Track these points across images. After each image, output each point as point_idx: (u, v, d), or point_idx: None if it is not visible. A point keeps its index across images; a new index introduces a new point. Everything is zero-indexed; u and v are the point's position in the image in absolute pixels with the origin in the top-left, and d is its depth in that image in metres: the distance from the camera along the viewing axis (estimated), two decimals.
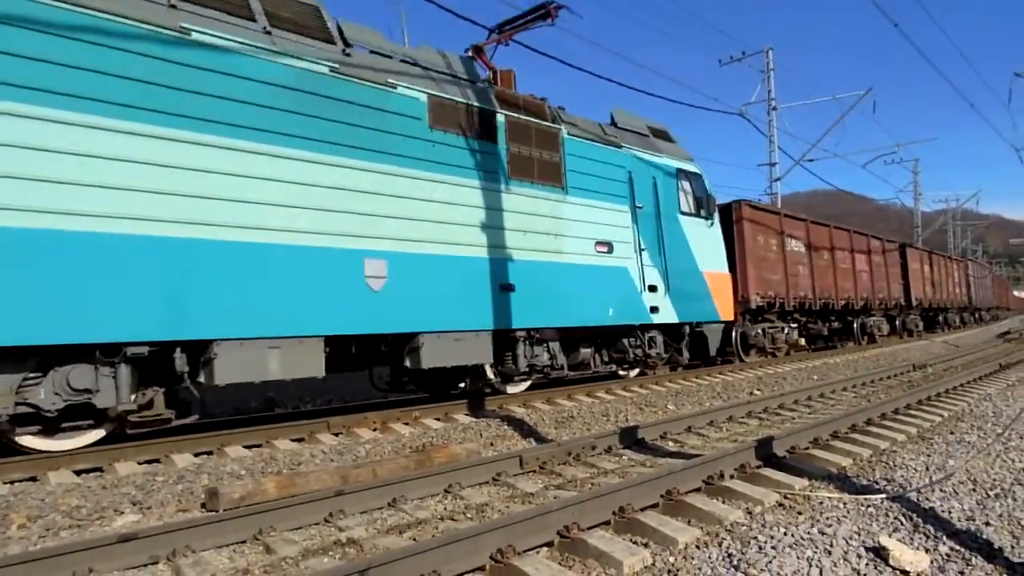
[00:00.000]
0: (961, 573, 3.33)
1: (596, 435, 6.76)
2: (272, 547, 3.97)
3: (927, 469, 5.28)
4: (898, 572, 3.35)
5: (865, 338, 21.42)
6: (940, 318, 30.65)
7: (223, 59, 6.52)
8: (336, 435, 7.47)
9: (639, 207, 10.98)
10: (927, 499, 4.46)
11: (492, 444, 7.08)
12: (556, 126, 9.81)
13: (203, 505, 4.90)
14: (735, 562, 3.47)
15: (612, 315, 10.26)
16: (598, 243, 10.15)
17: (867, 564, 3.43)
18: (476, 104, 8.75)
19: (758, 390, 11.06)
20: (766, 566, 3.38)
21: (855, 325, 20.78)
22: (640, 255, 10.86)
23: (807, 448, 6.05)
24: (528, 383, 10.14)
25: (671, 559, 3.61)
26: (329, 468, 5.59)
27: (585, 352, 10.48)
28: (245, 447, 6.82)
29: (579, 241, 9.86)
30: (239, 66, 6.62)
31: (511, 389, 9.97)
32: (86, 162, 5.66)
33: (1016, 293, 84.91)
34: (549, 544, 3.81)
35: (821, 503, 4.48)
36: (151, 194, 5.99)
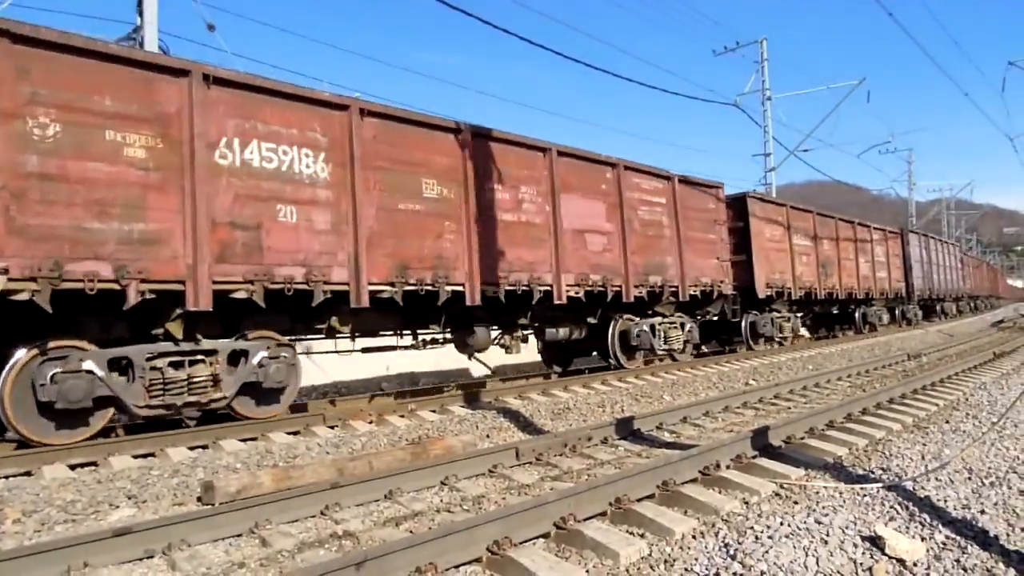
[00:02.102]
0: (957, 561, 3.34)
1: (592, 426, 6.77)
2: (268, 540, 3.96)
3: (923, 458, 5.29)
4: (894, 561, 3.35)
5: (625, 356, 11.98)
6: (858, 313, 21.44)
7: None
8: (332, 428, 7.45)
9: None
10: (923, 488, 4.47)
11: (488, 436, 7.07)
12: None
13: (199, 499, 4.89)
14: (732, 552, 3.47)
15: None
16: None
17: (863, 553, 3.43)
18: None
19: (754, 380, 11.08)
20: (763, 556, 3.38)
21: (611, 329, 11.79)
22: None
23: (803, 438, 6.06)
24: None
25: (668, 549, 3.61)
26: (325, 461, 5.58)
27: None
28: (241, 440, 6.80)
29: None
30: None
31: None
32: None
33: (1010, 282, 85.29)
34: (546, 536, 3.81)
35: (817, 493, 4.49)
36: None
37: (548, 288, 10.06)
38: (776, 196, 22.49)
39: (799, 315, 17.80)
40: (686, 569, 3.35)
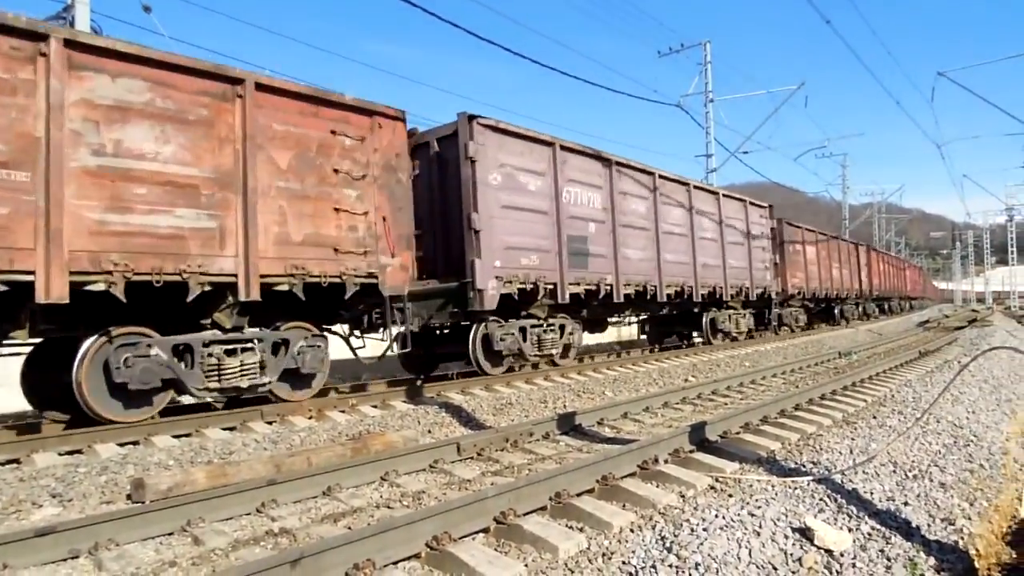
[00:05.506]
0: (881, 551, 3.47)
1: (534, 421, 6.80)
2: (201, 538, 3.86)
3: (851, 452, 5.47)
4: (822, 552, 3.46)
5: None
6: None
7: None
8: (270, 423, 7.30)
9: None
10: (851, 481, 4.63)
11: (430, 431, 7.04)
12: None
13: (128, 497, 4.73)
14: (668, 544, 3.53)
15: None
16: None
17: (793, 544, 3.53)
18: None
19: (693, 376, 11.30)
20: (698, 548, 3.45)
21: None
22: None
23: (738, 433, 6.21)
24: None
25: (606, 543, 3.65)
26: (262, 457, 5.46)
27: None
28: (174, 436, 6.60)
29: None
30: None
31: None
32: None
33: (935, 284, 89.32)
34: (485, 530, 3.81)
35: (751, 486, 4.61)
36: None
37: None
38: None
39: None
40: (624, 562, 3.39)
